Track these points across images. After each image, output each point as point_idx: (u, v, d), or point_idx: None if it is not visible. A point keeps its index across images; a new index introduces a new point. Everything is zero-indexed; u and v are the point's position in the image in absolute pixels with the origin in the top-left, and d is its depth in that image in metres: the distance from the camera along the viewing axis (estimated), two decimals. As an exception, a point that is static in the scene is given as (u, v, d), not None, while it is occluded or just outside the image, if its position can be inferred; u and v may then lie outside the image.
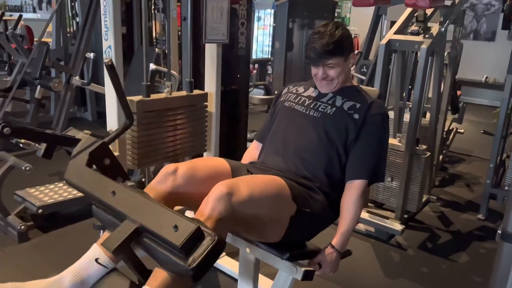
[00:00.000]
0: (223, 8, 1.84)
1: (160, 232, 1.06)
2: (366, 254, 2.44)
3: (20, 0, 9.48)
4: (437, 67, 2.81)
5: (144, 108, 1.68)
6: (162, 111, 1.77)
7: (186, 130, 1.91)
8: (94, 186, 1.28)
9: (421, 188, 2.77)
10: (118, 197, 1.20)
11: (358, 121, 1.57)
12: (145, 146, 1.73)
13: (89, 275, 1.27)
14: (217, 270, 2.16)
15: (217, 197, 1.21)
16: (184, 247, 1.01)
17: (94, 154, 1.43)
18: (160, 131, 1.78)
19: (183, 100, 1.88)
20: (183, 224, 1.03)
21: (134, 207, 1.15)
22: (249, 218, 1.29)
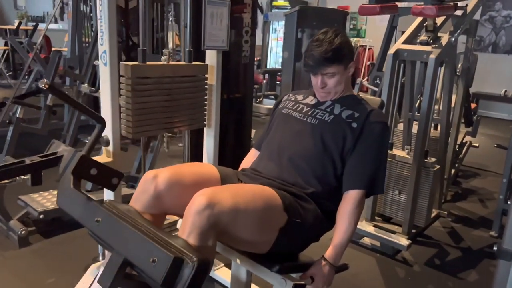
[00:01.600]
0: (223, 15, 1.83)
1: (142, 266, 1.06)
2: (370, 269, 2.36)
3: (42, 10, 9.75)
4: (447, 78, 2.74)
5: (138, 73, 1.61)
6: (159, 79, 1.70)
7: (184, 101, 1.83)
8: (82, 213, 1.27)
9: (430, 202, 2.68)
10: (102, 226, 1.19)
11: (356, 130, 1.52)
12: (140, 114, 1.66)
13: None
14: (214, 281, 2.12)
15: (196, 211, 1.17)
16: (165, 283, 1.00)
17: (77, 171, 1.42)
18: (156, 99, 1.71)
19: (181, 69, 1.80)
20: (161, 257, 1.02)
21: (117, 237, 1.15)
22: (234, 229, 1.24)
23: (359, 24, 8.23)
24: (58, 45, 7.41)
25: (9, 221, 2.44)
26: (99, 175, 1.49)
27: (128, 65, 1.57)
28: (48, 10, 9.90)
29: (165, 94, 1.73)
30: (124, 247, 1.12)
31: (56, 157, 1.49)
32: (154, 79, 1.67)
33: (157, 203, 1.35)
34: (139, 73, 1.61)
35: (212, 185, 1.38)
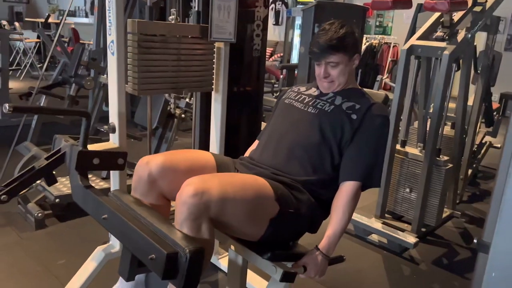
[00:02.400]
0: (230, 7, 1.86)
1: (145, 262, 1.13)
2: (375, 266, 2.35)
3: (73, 5, 10.04)
4: (464, 76, 2.68)
5: (144, 30, 1.62)
6: (166, 37, 1.71)
7: (192, 63, 1.83)
8: (92, 209, 1.36)
9: (441, 201, 2.64)
10: (109, 222, 1.27)
11: (355, 122, 1.53)
12: (145, 72, 1.67)
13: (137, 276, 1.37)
14: (218, 269, 2.16)
15: (184, 200, 1.20)
16: (166, 277, 1.08)
17: (80, 166, 1.49)
18: (163, 57, 1.72)
19: (189, 29, 1.80)
20: (157, 253, 1.09)
21: (122, 233, 1.22)
22: (224, 216, 1.26)
23: (385, 22, 8.10)
24: (88, 39, 7.63)
25: (28, 204, 2.56)
26: (103, 162, 1.56)
27: (135, 21, 1.60)
28: (79, 5, 10.19)
29: (172, 54, 1.74)
30: (128, 243, 1.20)
31: (60, 155, 1.56)
32: (161, 37, 1.69)
33: (152, 188, 1.39)
34: (145, 30, 1.62)
35: (207, 172, 1.42)
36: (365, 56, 6.77)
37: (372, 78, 6.52)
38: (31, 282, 1.99)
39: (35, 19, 8.83)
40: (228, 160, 1.61)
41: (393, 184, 2.73)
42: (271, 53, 8.32)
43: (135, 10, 4.42)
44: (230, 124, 2.12)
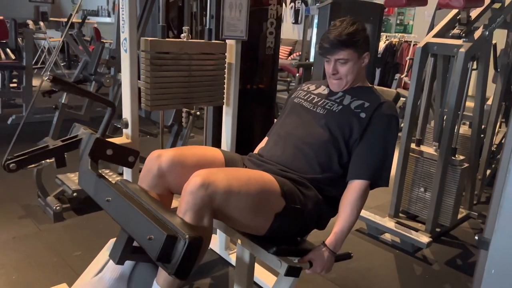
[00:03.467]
0: (242, 5, 1.88)
1: (141, 244, 1.14)
2: (387, 265, 2.34)
3: (96, 5, 10.25)
4: (481, 74, 2.63)
5: (157, 48, 1.68)
6: (178, 55, 1.76)
7: (203, 78, 1.88)
8: (96, 192, 1.38)
9: (457, 201, 2.60)
10: (112, 204, 1.29)
11: (364, 120, 1.53)
12: (158, 88, 1.73)
13: (124, 268, 1.44)
14: (228, 264, 2.19)
15: (191, 190, 1.23)
16: (160, 259, 1.08)
17: (94, 152, 1.53)
18: (175, 74, 1.78)
19: (200, 46, 1.85)
20: (156, 234, 1.10)
21: (123, 215, 1.24)
22: (229, 210, 1.29)
23: (406, 20, 7.98)
24: (110, 38, 7.79)
25: (47, 197, 2.64)
26: (115, 155, 1.60)
27: (148, 40, 1.65)
28: (102, 4, 10.40)
29: (184, 70, 1.80)
30: (128, 225, 1.21)
31: (76, 141, 1.61)
32: (173, 54, 1.74)
33: (161, 181, 1.43)
34: (158, 48, 1.68)
35: (215, 167, 1.44)
36: (384, 54, 6.70)
37: (391, 76, 6.44)
38: (47, 272, 2.06)
39: (60, 19, 9.06)
40: (237, 156, 1.64)
41: (408, 183, 2.71)
42: (289, 51, 8.31)
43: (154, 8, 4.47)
44: (243, 121, 2.15)
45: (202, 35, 4.46)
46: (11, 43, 5.14)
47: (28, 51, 4.57)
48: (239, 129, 2.10)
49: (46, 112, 4.59)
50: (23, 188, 2.92)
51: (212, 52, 1.88)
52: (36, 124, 4.53)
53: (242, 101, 2.07)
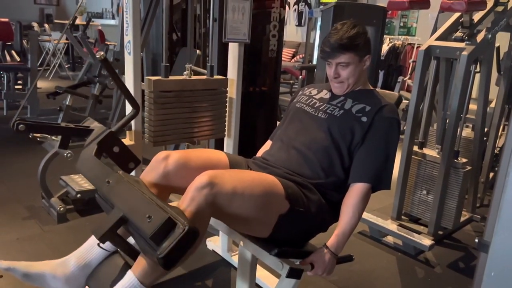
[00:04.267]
0: (245, 8, 1.89)
1: (137, 221, 1.14)
2: (388, 267, 2.34)
3: (101, 7, 10.31)
4: (484, 77, 2.63)
5: (160, 87, 1.73)
6: (180, 92, 1.80)
7: (204, 113, 1.93)
8: (96, 175, 1.38)
9: (459, 204, 2.60)
10: (111, 186, 1.29)
11: (365, 124, 1.54)
12: (161, 125, 1.77)
13: (92, 258, 1.42)
14: (230, 266, 2.20)
15: (197, 188, 1.25)
16: (154, 237, 1.07)
17: (103, 143, 1.54)
18: (177, 111, 1.82)
19: (202, 83, 1.90)
20: (156, 215, 1.10)
21: (122, 197, 1.24)
22: (231, 211, 1.31)
23: (410, 22, 7.97)
24: (114, 40, 7.83)
25: (51, 198, 2.66)
26: (119, 155, 1.62)
27: (151, 79, 1.70)
28: (107, 7, 10.45)
29: (186, 107, 1.85)
30: (125, 205, 1.21)
31: (87, 129, 1.63)
32: (176, 92, 1.79)
33: (164, 181, 1.45)
34: (161, 87, 1.74)
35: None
36: (388, 57, 6.70)
37: (395, 79, 6.44)
38: None
39: (64, 21, 9.10)
40: (241, 159, 1.65)
41: (410, 186, 2.71)
42: (293, 54, 8.32)
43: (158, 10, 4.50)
44: (246, 123, 2.17)
45: (205, 37, 4.49)
46: (16, 45, 5.18)
47: (33, 53, 4.60)
48: (242, 131, 2.12)
49: (51, 114, 4.62)
50: (27, 189, 2.94)
51: (214, 88, 1.94)
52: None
53: (245, 104, 2.09)
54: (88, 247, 1.46)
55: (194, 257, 2.24)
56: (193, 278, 2.11)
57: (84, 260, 1.43)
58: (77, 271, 1.41)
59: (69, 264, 1.43)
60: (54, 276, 1.40)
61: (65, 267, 1.42)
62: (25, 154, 3.67)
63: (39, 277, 1.39)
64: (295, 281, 1.45)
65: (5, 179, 3.11)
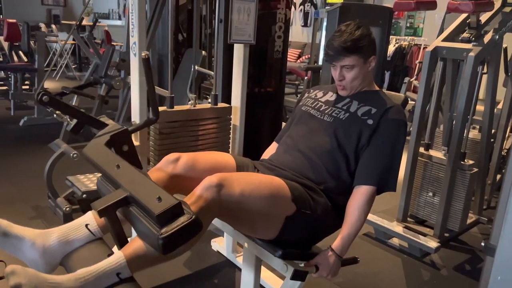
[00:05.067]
0: (250, 9, 1.89)
1: (144, 201, 1.13)
2: (394, 269, 2.33)
3: (107, 8, 10.35)
4: (490, 78, 2.61)
5: (166, 118, 1.77)
6: (185, 122, 1.84)
7: (208, 141, 1.97)
8: (104, 160, 1.39)
9: (466, 206, 2.58)
10: (120, 171, 1.29)
11: (371, 126, 1.53)
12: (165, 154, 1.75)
13: (76, 238, 1.34)
14: (235, 267, 2.20)
15: (206, 186, 1.26)
16: (160, 217, 1.07)
17: (115, 137, 1.56)
18: (182, 140, 1.86)
19: (207, 112, 1.93)
20: (166, 198, 1.10)
21: (130, 180, 1.24)
22: (237, 212, 1.32)
23: (416, 23, 7.93)
24: (120, 40, 7.87)
25: (57, 198, 2.67)
26: (126, 154, 1.63)
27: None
28: (113, 8, 10.50)
29: (190, 135, 1.89)
30: (133, 186, 1.20)
31: (102, 122, 1.65)
32: (181, 122, 1.82)
33: (171, 182, 1.46)
34: (166, 118, 1.77)
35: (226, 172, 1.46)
36: (394, 58, 6.67)
37: (401, 80, 6.41)
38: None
39: (71, 22, 9.17)
40: (248, 161, 1.65)
41: (416, 187, 2.69)
42: (298, 54, 8.31)
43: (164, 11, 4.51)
44: (251, 125, 2.17)
45: (211, 38, 4.50)
46: (24, 46, 5.22)
47: (40, 54, 4.63)
48: (247, 133, 2.12)
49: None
50: (33, 190, 2.96)
51: (218, 116, 1.96)
52: (48, 125, 4.60)
53: (250, 105, 2.09)
54: (74, 226, 1.38)
55: (198, 257, 2.26)
56: (198, 278, 2.11)
57: (66, 237, 1.34)
58: (57, 246, 1.32)
59: (51, 237, 1.34)
60: (33, 244, 1.30)
61: (45, 238, 1.33)
62: (32, 154, 3.69)
63: (17, 241, 1.29)
64: (299, 283, 1.45)
65: (12, 178, 3.13)
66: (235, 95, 2.04)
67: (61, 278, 1.12)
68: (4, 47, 5.44)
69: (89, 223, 1.35)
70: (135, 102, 1.75)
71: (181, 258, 2.24)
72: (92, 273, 1.14)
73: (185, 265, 2.20)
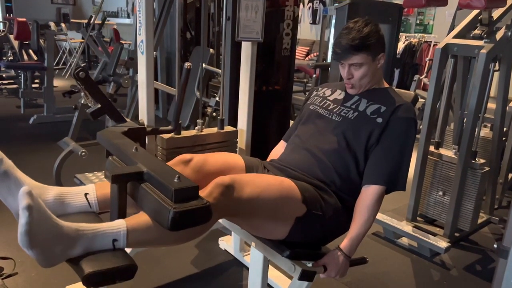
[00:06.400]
0: (258, 6, 1.87)
1: (163, 178, 1.13)
2: (403, 269, 2.30)
3: (116, 6, 10.40)
4: (502, 75, 2.57)
5: (173, 145, 1.77)
6: (192, 147, 1.84)
7: None
8: (121, 142, 1.40)
9: (477, 205, 2.54)
10: (138, 153, 1.30)
11: (381, 125, 1.51)
12: None
13: (71, 203, 1.29)
14: (242, 266, 2.19)
15: (217, 185, 1.24)
16: (177, 192, 1.07)
17: (132, 131, 1.57)
18: None
19: (213, 137, 1.93)
20: (185, 180, 1.12)
21: (148, 161, 1.24)
22: (246, 214, 1.31)
23: (426, 20, 7.85)
24: (129, 39, 7.90)
25: (65, 196, 2.68)
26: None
27: (164, 138, 1.74)
28: (122, 6, 10.54)
29: None
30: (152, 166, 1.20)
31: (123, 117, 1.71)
32: (187, 148, 1.82)
33: None
34: (173, 145, 1.77)
35: (235, 173, 1.45)
36: (403, 55, 6.60)
37: (411, 77, 6.34)
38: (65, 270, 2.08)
39: (81, 20, 9.22)
40: (257, 161, 1.64)
41: (426, 186, 2.66)
42: (307, 52, 8.27)
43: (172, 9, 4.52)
44: (259, 123, 2.15)
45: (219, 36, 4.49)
46: (33, 45, 5.25)
47: (49, 52, 4.66)
48: (255, 131, 2.10)
49: (67, 112, 4.68)
50: (43, 187, 2.97)
51: (225, 140, 1.96)
52: (57, 123, 4.63)
53: (257, 103, 2.07)
54: (73, 191, 1.32)
55: (206, 256, 2.25)
56: (205, 277, 2.10)
57: (63, 199, 1.28)
58: (51, 203, 1.26)
59: (48, 192, 1.27)
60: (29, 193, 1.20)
61: (42, 191, 1.27)
62: (41, 152, 3.72)
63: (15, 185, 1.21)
64: (307, 283, 1.44)
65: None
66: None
67: (63, 223, 1.08)
68: (14, 46, 5.48)
69: (89, 194, 1.30)
70: (142, 101, 1.74)
71: (189, 257, 2.24)
72: (92, 230, 1.10)
73: (193, 264, 2.19)
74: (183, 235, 1.17)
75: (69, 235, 1.08)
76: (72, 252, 1.09)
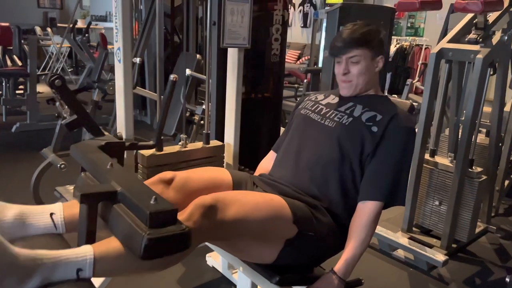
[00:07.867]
0: (244, 11, 1.77)
1: (137, 199, 1.01)
2: (399, 284, 2.20)
3: (104, 10, 10.24)
4: (499, 80, 2.49)
5: (155, 163, 1.66)
6: (175, 164, 1.73)
7: None
8: (95, 156, 1.29)
9: (474, 215, 2.45)
10: (114, 170, 1.19)
11: (376, 135, 1.40)
12: None
13: (34, 223, 1.15)
14: (231, 284, 2.08)
15: (197, 206, 1.12)
16: (153, 216, 0.96)
17: (109, 146, 1.46)
18: None
19: (198, 152, 1.83)
20: (163, 202, 1.00)
21: (124, 179, 1.12)
22: (231, 237, 1.20)
23: (417, 23, 7.82)
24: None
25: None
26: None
27: (145, 156, 1.62)
28: (111, 10, 10.38)
29: None
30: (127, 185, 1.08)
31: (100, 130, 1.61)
32: (170, 165, 1.70)
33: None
34: (155, 163, 1.65)
35: (222, 190, 1.33)
36: (395, 58, 6.55)
37: (402, 81, 6.28)
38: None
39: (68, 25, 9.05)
40: (246, 176, 1.53)
41: (421, 196, 2.57)
42: (298, 55, 8.19)
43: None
44: (248, 131, 2.05)
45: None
46: (15, 50, 5.10)
47: (32, 58, 4.51)
48: (244, 140, 2.00)
49: (52, 120, 4.53)
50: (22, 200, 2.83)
51: (210, 155, 1.86)
52: (41, 131, 4.48)
53: (246, 112, 1.97)
54: (37, 210, 1.18)
55: (193, 274, 2.13)
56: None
57: (24, 219, 1.14)
58: (10, 224, 1.12)
59: (8, 211, 1.14)
60: None
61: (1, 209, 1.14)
62: (24, 162, 3.57)
63: None
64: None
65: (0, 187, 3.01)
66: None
67: (18, 252, 0.94)
68: (-3, 52, 5.31)
69: (55, 213, 1.17)
70: (120, 111, 1.63)
71: (175, 274, 2.12)
72: (52, 258, 0.96)
73: (179, 283, 2.08)
74: (159, 263, 1.05)
75: (25, 264, 0.94)
76: (28, 285, 0.95)
